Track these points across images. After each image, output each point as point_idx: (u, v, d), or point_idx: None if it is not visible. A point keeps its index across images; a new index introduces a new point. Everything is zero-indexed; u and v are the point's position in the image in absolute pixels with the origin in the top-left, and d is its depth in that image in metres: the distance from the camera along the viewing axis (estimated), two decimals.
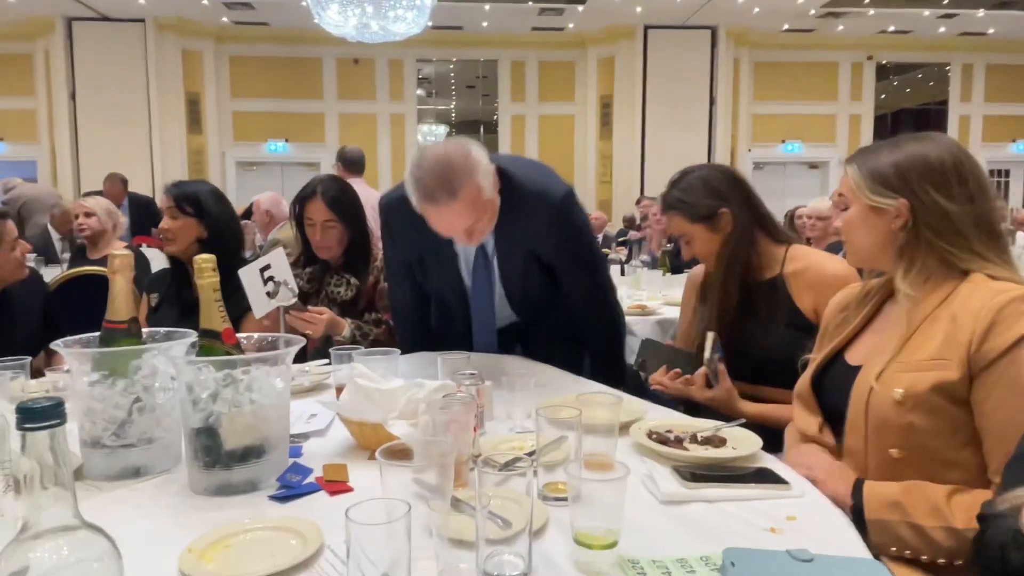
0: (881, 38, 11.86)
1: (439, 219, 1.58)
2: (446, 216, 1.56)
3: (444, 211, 1.54)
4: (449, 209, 1.53)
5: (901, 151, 1.17)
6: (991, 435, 1.03)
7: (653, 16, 10.61)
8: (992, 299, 1.04)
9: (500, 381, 1.41)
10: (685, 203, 1.70)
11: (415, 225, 1.67)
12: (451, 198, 1.51)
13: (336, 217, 2.14)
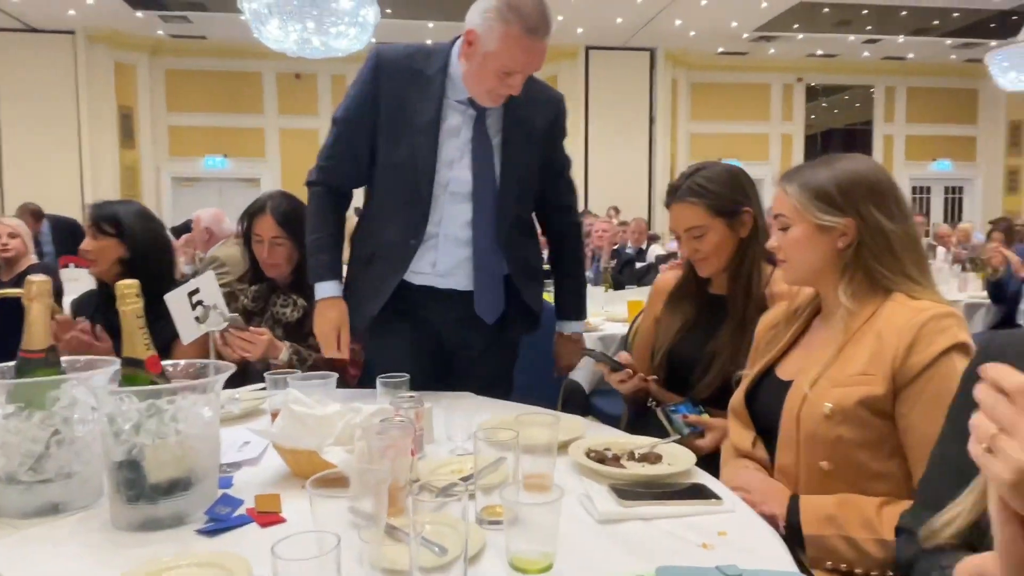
0: (810, 61, 12.42)
1: (531, 54, 1.58)
2: (539, 52, 1.59)
3: (540, 46, 1.59)
4: (542, 45, 1.59)
5: (838, 169, 1.20)
6: (914, 447, 1.08)
7: (594, 37, 10.84)
8: (913, 317, 1.09)
9: (440, 402, 1.41)
10: (711, 192, 1.56)
11: (411, 81, 1.68)
12: (547, 36, 1.59)
13: (286, 234, 2.07)
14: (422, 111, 1.68)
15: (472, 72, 1.63)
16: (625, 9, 9.61)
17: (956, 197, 13.64)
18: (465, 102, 1.70)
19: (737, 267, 1.60)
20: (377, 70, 1.68)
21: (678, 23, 10.18)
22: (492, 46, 1.57)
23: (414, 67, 1.69)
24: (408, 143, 1.68)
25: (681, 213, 1.60)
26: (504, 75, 1.60)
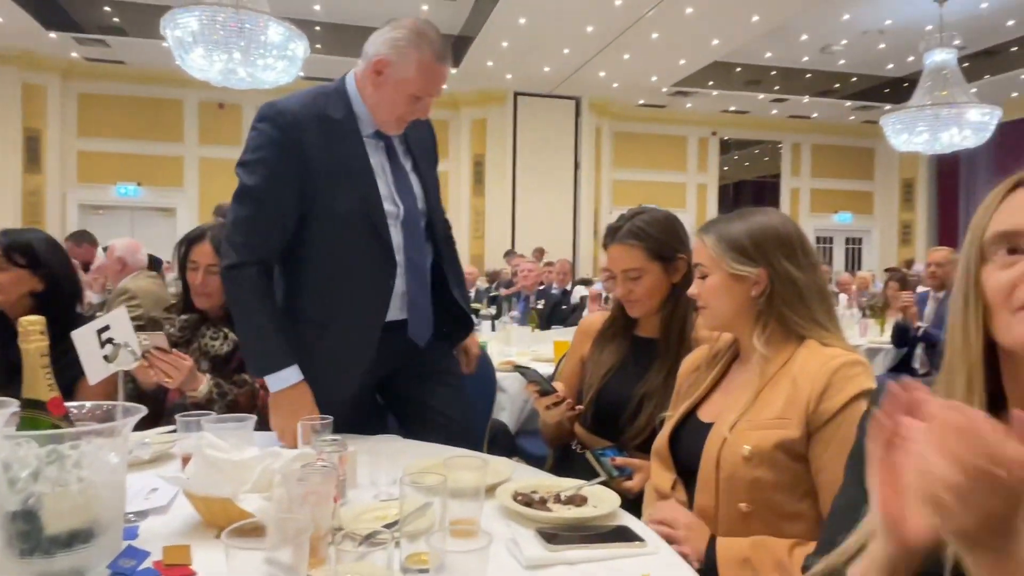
0: (724, 116, 13.16)
1: (440, 79, 1.66)
2: (445, 78, 1.67)
3: (446, 72, 1.67)
4: (447, 71, 1.67)
5: (751, 223, 1.27)
6: (824, 488, 1.13)
7: (522, 84, 11.13)
8: (825, 364, 1.15)
9: (364, 445, 1.37)
10: (650, 236, 1.62)
11: (326, 128, 1.62)
12: (450, 63, 1.69)
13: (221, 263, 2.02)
14: (352, 155, 1.65)
15: (384, 100, 1.65)
16: (552, 59, 9.94)
17: (856, 247, 14.61)
18: (373, 136, 1.71)
19: (671, 312, 1.64)
20: (287, 127, 1.59)
21: (602, 75, 10.61)
22: (407, 73, 1.61)
23: (320, 114, 1.63)
24: (349, 185, 1.64)
25: (620, 254, 1.64)
26: (416, 100, 1.65)
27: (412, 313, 1.73)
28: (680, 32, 8.85)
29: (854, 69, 11.46)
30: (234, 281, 1.61)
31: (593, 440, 1.69)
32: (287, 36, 5.49)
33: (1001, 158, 12.15)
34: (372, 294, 1.67)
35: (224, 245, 1.64)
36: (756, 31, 8.94)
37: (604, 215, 12.66)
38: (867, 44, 10.26)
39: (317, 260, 1.67)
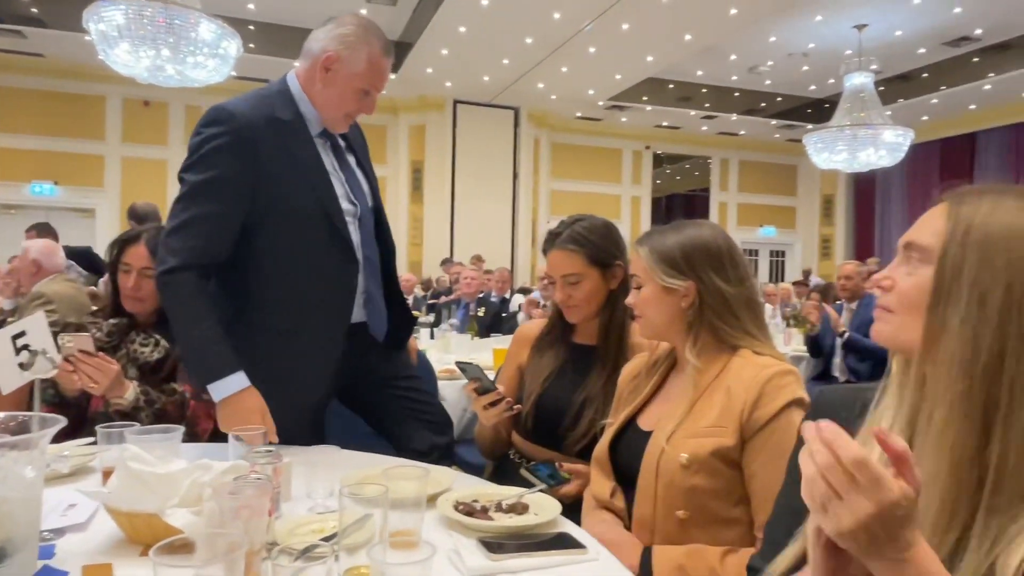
0: (657, 131, 13.52)
1: (386, 73, 1.70)
2: (388, 72, 1.71)
3: (389, 66, 1.71)
4: (390, 65, 1.72)
5: (683, 236, 1.31)
6: (757, 494, 1.17)
7: (462, 92, 11.14)
8: (759, 373, 1.19)
9: (300, 455, 1.34)
10: (590, 242, 1.64)
11: (276, 129, 1.60)
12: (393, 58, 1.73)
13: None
14: (304, 155, 1.64)
15: (333, 97, 1.65)
16: (492, 68, 9.99)
17: (780, 260, 15.23)
18: (320, 136, 1.71)
19: (608, 318, 1.66)
20: (241, 129, 1.56)
21: (541, 86, 10.74)
22: (357, 67, 1.63)
23: (269, 115, 1.61)
24: (306, 187, 1.62)
25: (560, 259, 1.65)
26: (364, 95, 1.67)
27: (370, 310, 1.74)
28: (616, 48, 9.05)
29: (779, 89, 12.00)
30: (172, 287, 1.55)
31: (532, 449, 1.69)
32: (219, 34, 5.32)
33: (912, 178, 12.94)
34: (337, 295, 1.67)
35: (161, 250, 1.57)
36: (688, 50, 9.24)
37: (542, 224, 12.78)
38: (791, 66, 10.76)
39: (277, 267, 1.63)
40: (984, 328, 0.71)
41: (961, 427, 0.70)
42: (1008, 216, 0.73)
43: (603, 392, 1.59)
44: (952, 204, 0.78)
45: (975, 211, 0.75)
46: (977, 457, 0.69)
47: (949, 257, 0.74)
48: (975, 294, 0.72)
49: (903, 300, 0.79)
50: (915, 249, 0.79)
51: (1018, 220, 0.73)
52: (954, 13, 8.67)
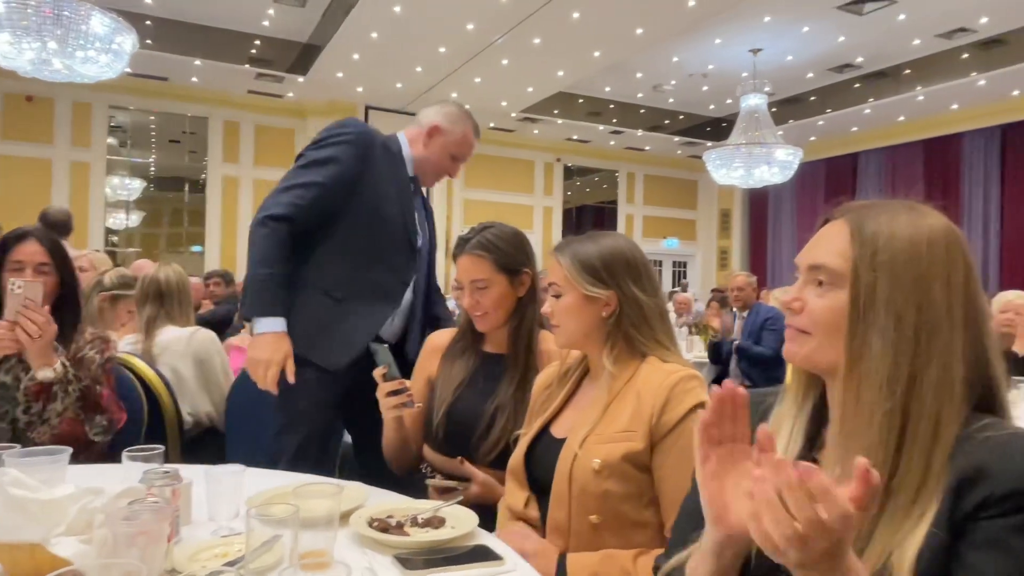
0: (567, 144, 13.82)
1: (473, 148, 2.22)
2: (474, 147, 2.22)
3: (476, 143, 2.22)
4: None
5: (603, 246, 1.34)
6: (666, 496, 1.20)
7: (374, 97, 10.98)
8: (666, 379, 1.23)
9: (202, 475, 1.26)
10: (498, 248, 1.65)
11: (389, 156, 2.05)
12: None
13: (52, 263, 1.83)
14: (400, 179, 2.06)
15: (432, 157, 2.12)
16: (405, 76, 9.91)
17: (682, 270, 15.89)
18: (411, 178, 2.12)
19: (517, 325, 1.67)
20: (363, 134, 2.01)
21: (454, 95, 10.75)
22: (455, 137, 2.13)
23: (387, 145, 2.07)
24: (396, 201, 2.02)
25: (469, 265, 1.67)
26: (454, 160, 2.15)
27: (411, 326, 2.09)
28: (528, 61, 9.20)
29: (681, 108, 12.55)
30: (267, 229, 1.86)
31: (443, 461, 1.68)
32: (113, 28, 5.01)
33: (801, 194, 13.85)
34: (392, 281, 2.01)
35: (269, 200, 1.90)
36: (597, 66, 9.51)
37: (456, 234, 12.78)
38: (692, 85, 11.28)
39: (352, 247, 1.96)
40: (903, 347, 0.75)
41: (881, 440, 0.74)
42: (907, 233, 0.78)
43: (514, 400, 1.60)
44: (852, 224, 0.82)
45: (878, 232, 0.79)
46: (887, 473, 0.73)
47: (862, 280, 0.78)
48: (891, 315, 0.76)
49: (818, 322, 0.81)
50: (824, 272, 0.82)
51: (916, 237, 0.78)
52: (839, 41, 9.37)
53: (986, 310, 0.81)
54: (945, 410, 0.75)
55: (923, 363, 0.75)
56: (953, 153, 11.61)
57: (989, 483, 0.70)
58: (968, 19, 8.49)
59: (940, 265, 0.78)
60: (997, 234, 11.08)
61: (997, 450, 0.72)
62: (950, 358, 0.76)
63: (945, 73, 9.68)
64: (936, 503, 0.72)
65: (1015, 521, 0.69)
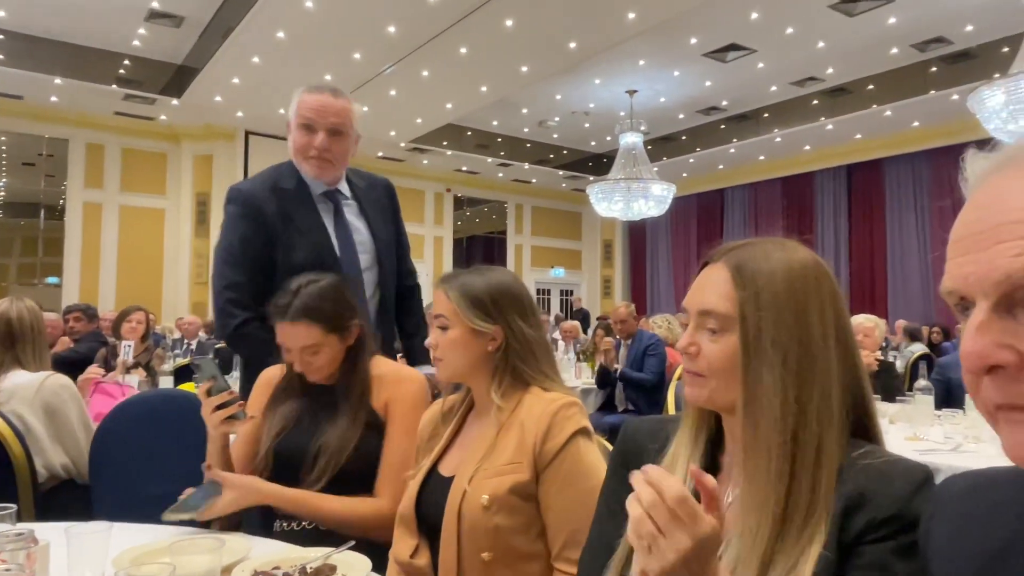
0: (457, 175, 13.97)
1: (320, 107, 1.97)
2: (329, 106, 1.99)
3: (327, 99, 2.00)
4: (329, 99, 2.00)
5: (490, 280, 1.34)
6: (552, 524, 1.21)
7: (255, 123, 10.63)
8: (547, 408, 1.25)
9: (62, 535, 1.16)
10: (325, 312, 1.56)
11: (281, 201, 1.96)
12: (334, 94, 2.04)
13: None
14: (304, 214, 1.97)
15: (293, 148, 1.99)
16: (288, 101, 9.66)
17: (568, 299, 16.36)
18: (321, 197, 2.02)
19: (349, 367, 1.60)
20: (246, 202, 1.95)
21: None
22: (291, 114, 1.98)
23: (274, 186, 1.98)
24: (307, 242, 1.94)
25: (296, 332, 1.55)
26: (308, 130, 1.96)
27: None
28: (417, 92, 9.26)
29: (565, 143, 13.06)
30: (244, 338, 1.90)
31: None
32: None
33: (675, 226, 14.73)
34: None
35: (221, 314, 1.92)
36: (484, 100, 9.73)
37: None
38: (575, 122, 11.78)
39: None
40: (790, 380, 0.80)
41: (778, 471, 0.79)
42: (783, 269, 0.84)
43: (346, 432, 1.52)
44: (732, 267, 0.86)
45: (757, 272, 0.84)
46: (783, 499, 0.78)
47: (750, 322, 0.83)
48: (779, 351, 0.81)
49: (714, 366, 0.86)
50: (713, 317, 0.86)
51: (791, 272, 0.84)
52: (706, 86, 10.12)
53: (854, 333, 0.87)
54: (826, 435, 0.80)
55: (807, 393, 0.80)
56: (807, 190, 12.80)
57: (871, 508, 0.75)
58: (817, 69, 9.45)
59: (814, 296, 0.83)
60: (846, 263, 12.27)
61: (877, 476, 0.77)
62: (828, 385, 0.81)
63: (799, 117, 10.70)
64: (826, 527, 0.76)
65: (896, 544, 0.73)
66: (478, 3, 6.79)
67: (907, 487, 0.76)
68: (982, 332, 0.49)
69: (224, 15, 7.74)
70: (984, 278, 0.50)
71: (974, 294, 0.51)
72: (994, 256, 0.49)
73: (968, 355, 0.50)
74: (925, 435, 2.69)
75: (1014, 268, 0.48)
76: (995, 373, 0.49)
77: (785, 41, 8.49)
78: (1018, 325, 0.48)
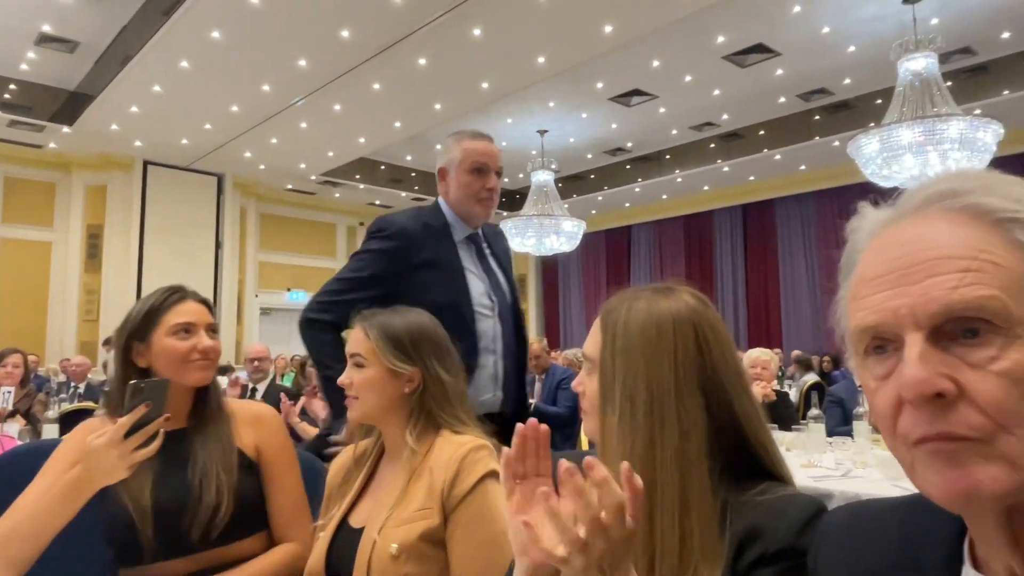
0: (370, 209, 13.82)
1: (488, 151, 2.04)
2: (493, 151, 2.05)
3: (490, 146, 2.06)
4: (492, 146, 2.07)
5: (409, 321, 1.34)
6: (458, 568, 1.18)
7: (155, 153, 10.19)
8: (457, 451, 1.24)
9: None
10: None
11: (428, 238, 1.98)
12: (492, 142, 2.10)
13: None
14: (447, 256, 1.99)
15: (458, 194, 2.02)
16: (192, 132, 9.35)
17: None
18: (464, 241, 2.04)
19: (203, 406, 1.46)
20: (397, 238, 1.96)
21: (248, 155, 10.32)
22: (456, 161, 2.02)
23: (424, 223, 2.00)
24: (447, 285, 1.94)
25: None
26: (478, 173, 2.01)
27: (507, 393, 2.01)
28: (328, 126, 9.17)
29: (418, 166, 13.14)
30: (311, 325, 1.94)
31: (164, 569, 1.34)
32: None
33: (585, 261, 15.12)
34: None
35: (312, 301, 1.97)
36: (398, 136, 9.75)
37: (249, 298, 12.03)
38: None
39: None
40: (636, 423, 0.84)
41: None
42: (639, 319, 0.88)
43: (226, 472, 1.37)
44: (603, 316, 0.93)
45: (617, 321, 0.90)
46: (648, 540, 0.80)
47: (605, 366, 0.89)
48: (626, 395, 0.86)
49: (591, 404, 0.93)
50: (588, 361, 0.94)
51: (647, 321, 0.87)
52: (612, 128, 10.56)
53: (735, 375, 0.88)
54: (689, 480, 0.82)
55: (659, 440, 0.82)
56: (707, 228, 13.49)
57: (763, 541, 0.78)
58: (713, 115, 10.07)
59: (668, 344, 0.86)
60: (744, 298, 12.96)
61: (769, 511, 0.80)
62: (688, 431, 0.83)
63: (697, 159, 11.33)
64: (714, 565, 0.78)
65: (786, 573, 0.76)
66: (391, 41, 6.85)
67: (798, 521, 0.79)
68: (925, 361, 0.50)
69: (123, 41, 7.44)
70: (919, 310, 0.51)
71: (903, 328, 0.51)
72: (928, 288, 0.51)
73: (916, 383, 0.50)
74: (819, 461, 2.87)
75: (952, 300, 0.50)
76: (925, 405, 0.50)
77: (684, 88, 9.01)
78: (951, 357, 0.50)
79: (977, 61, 8.31)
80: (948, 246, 0.52)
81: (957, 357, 0.50)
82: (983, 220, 0.52)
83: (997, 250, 0.51)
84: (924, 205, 0.56)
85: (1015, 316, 0.49)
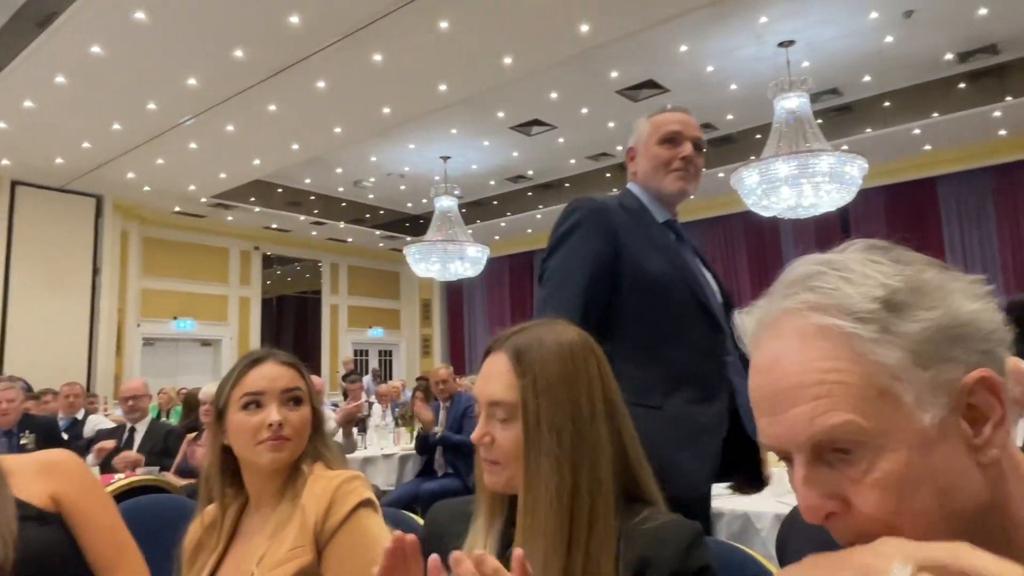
0: (266, 232, 13.35)
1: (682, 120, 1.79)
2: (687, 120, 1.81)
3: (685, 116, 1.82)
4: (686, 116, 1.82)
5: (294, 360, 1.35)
6: None
7: (24, 172, 9.42)
8: (328, 484, 1.23)
9: None
10: None
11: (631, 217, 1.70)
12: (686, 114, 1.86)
13: None
14: (655, 234, 1.71)
15: (648, 169, 1.77)
16: (68, 150, 8.72)
17: (388, 359, 16.10)
18: (664, 226, 1.76)
19: None
20: (597, 213, 1.67)
21: (131, 175, 9.74)
22: (645, 136, 1.79)
23: (621, 203, 1.74)
24: (660, 256, 1.66)
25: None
26: (671, 143, 1.75)
27: (742, 403, 1.57)
28: (220, 146, 8.81)
29: (381, 203, 13.09)
30: None
31: None
32: None
33: (490, 286, 15.23)
34: (708, 364, 1.60)
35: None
36: (296, 158, 9.50)
37: (130, 327, 11.26)
38: (391, 184, 11.87)
39: (644, 336, 1.60)
40: (564, 461, 0.85)
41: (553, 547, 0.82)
42: (554, 352, 0.90)
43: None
44: (511, 355, 0.92)
45: (533, 360, 0.90)
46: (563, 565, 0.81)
47: (529, 408, 0.88)
48: (553, 433, 0.86)
49: (508, 454, 0.90)
50: (501, 407, 0.91)
51: (562, 354, 0.90)
52: (513, 156, 10.76)
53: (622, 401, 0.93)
54: (598, 505, 0.85)
55: (579, 468, 0.85)
56: None
57: (653, 571, 0.81)
58: (608, 146, 10.46)
59: (583, 376, 0.90)
60: None
61: (654, 540, 0.83)
62: (597, 457, 0.86)
63: (595, 188, 11.70)
64: None
65: None
66: (287, 63, 6.70)
67: (679, 550, 0.84)
68: (808, 485, 0.55)
69: None
70: (790, 440, 0.55)
71: (789, 449, 0.56)
72: (793, 420, 0.55)
73: (806, 511, 0.55)
74: None
75: (813, 431, 0.54)
76: (831, 519, 0.55)
77: (581, 119, 9.33)
78: (834, 472, 0.54)
79: (843, 101, 9.10)
80: (799, 373, 0.55)
81: (839, 472, 0.54)
82: (829, 334, 0.55)
83: (844, 365, 0.54)
84: (779, 317, 0.58)
85: (872, 430, 0.53)
